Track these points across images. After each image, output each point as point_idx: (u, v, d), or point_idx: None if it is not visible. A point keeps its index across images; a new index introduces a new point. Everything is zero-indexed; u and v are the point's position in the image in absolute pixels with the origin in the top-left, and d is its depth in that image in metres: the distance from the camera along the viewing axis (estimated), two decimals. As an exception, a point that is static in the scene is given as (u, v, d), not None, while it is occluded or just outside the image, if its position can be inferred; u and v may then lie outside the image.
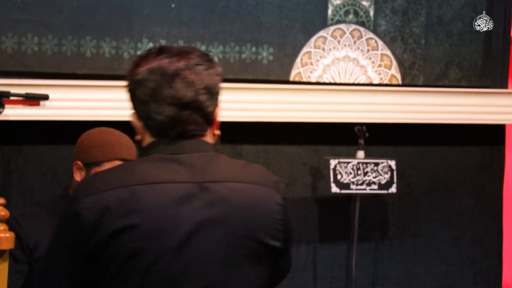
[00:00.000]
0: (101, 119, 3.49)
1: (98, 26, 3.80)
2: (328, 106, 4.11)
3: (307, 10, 4.11)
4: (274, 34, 4.07)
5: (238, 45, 4.02)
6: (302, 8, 4.10)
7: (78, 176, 3.10)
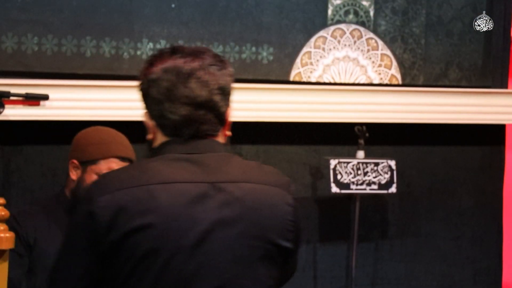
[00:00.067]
0: (101, 119, 3.49)
1: (98, 26, 3.81)
2: (328, 106, 4.11)
3: (307, 10, 4.11)
4: (274, 34, 4.07)
5: (238, 45, 4.02)
6: (302, 8, 4.10)
7: (74, 174, 3.10)
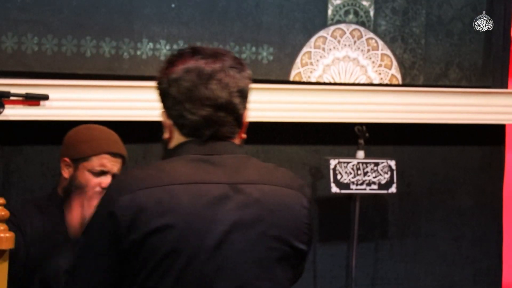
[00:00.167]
0: (101, 119, 3.49)
1: (98, 26, 3.80)
2: (328, 106, 4.11)
3: (307, 10, 4.11)
4: (274, 34, 4.07)
5: (238, 45, 4.02)
6: (302, 8, 4.10)
7: (66, 173, 3.10)
